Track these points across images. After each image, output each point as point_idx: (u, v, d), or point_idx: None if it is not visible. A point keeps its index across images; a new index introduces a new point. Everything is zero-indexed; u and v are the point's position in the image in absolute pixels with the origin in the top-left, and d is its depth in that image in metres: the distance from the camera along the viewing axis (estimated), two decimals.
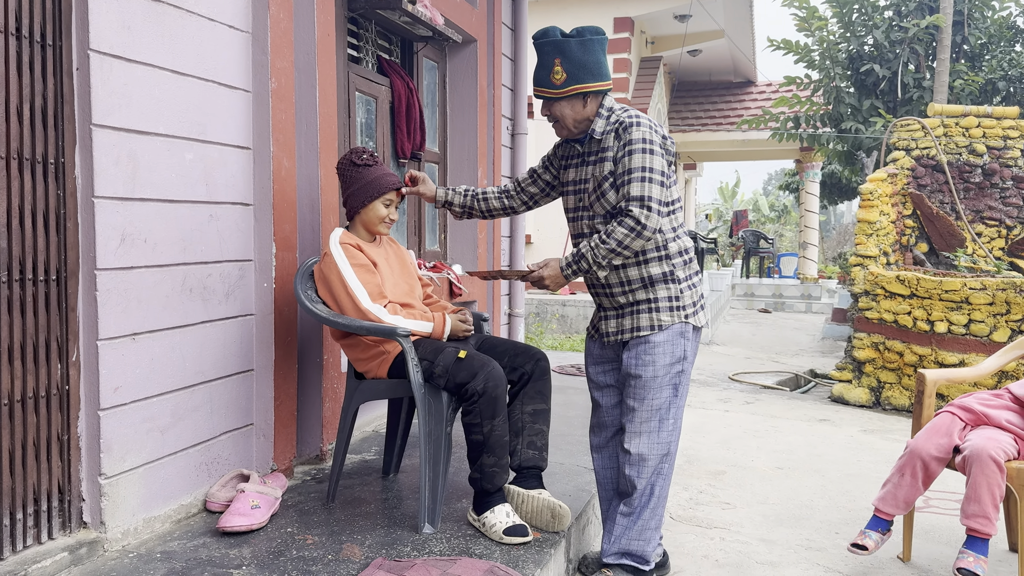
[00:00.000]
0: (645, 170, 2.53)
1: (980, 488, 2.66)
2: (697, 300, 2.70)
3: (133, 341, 2.48)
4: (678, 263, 2.65)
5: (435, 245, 4.99)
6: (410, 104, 4.41)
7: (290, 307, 3.15)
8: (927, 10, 10.22)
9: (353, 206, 2.92)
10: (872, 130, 10.19)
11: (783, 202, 29.80)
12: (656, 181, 2.53)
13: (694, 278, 2.71)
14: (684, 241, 2.68)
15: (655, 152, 2.56)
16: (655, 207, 2.51)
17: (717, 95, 15.64)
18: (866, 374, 6.22)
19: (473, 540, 2.60)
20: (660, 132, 2.64)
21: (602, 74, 2.64)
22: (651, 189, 2.52)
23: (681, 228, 2.70)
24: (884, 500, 2.93)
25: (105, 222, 2.37)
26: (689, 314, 2.66)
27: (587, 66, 2.60)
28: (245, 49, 2.95)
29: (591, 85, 2.61)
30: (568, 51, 2.59)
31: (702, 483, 4.03)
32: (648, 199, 2.51)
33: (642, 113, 2.66)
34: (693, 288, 2.69)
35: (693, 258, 2.72)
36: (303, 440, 3.36)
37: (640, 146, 2.54)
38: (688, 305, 2.66)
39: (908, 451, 2.91)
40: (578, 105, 2.65)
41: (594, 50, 2.62)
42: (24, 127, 2.21)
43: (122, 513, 2.48)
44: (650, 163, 2.54)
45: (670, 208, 2.65)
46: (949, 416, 2.92)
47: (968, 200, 7.08)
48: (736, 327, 12.03)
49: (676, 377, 2.66)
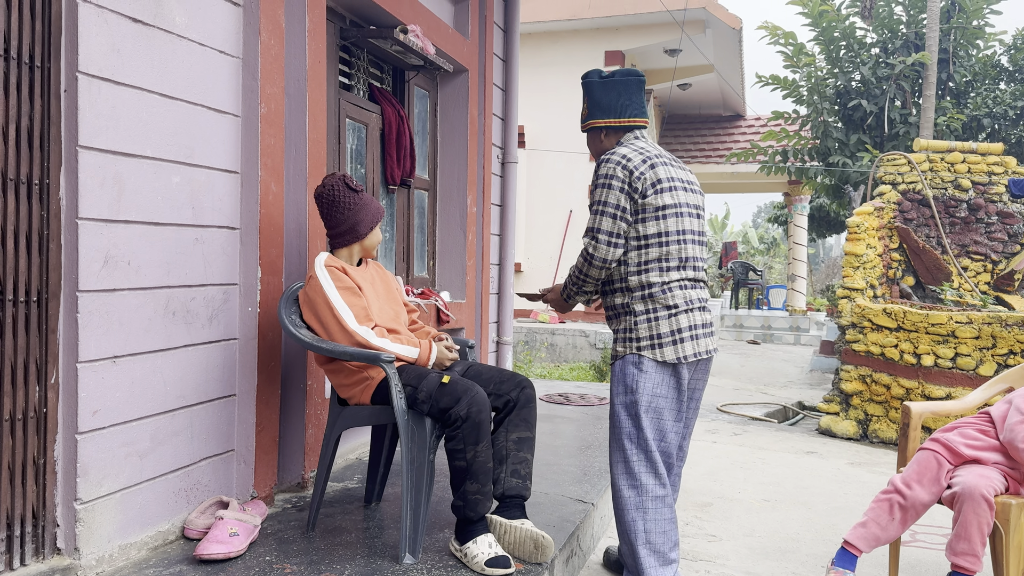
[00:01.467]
0: (597, 203, 2.70)
1: (970, 527, 2.64)
2: (662, 334, 2.69)
3: (114, 364, 2.45)
4: (636, 296, 2.71)
5: (423, 272, 4.98)
6: (400, 131, 4.43)
7: (274, 332, 3.13)
8: (913, 48, 10.38)
9: (360, 232, 2.92)
10: (859, 164, 10.30)
11: (772, 234, 29.98)
12: (607, 214, 2.67)
13: (660, 312, 2.70)
14: (651, 277, 2.70)
15: (612, 187, 2.68)
16: (602, 238, 2.68)
17: (707, 128, 15.79)
18: (853, 407, 6.22)
19: (455, 571, 2.56)
20: (636, 168, 2.69)
21: (618, 112, 2.85)
22: (600, 221, 2.68)
23: (655, 263, 2.71)
24: (863, 538, 2.88)
25: (89, 244, 2.36)
26: (643, 347, 2.69)
27: (602, 104, 2.85)
28: (235, 74, 2.96)
29: (601, 121, 2.86)
30: (590, 91, 2.87)
31: (688, 515, 4.00)
32: (596, 231, 2.69)
33: (631, 151, 2.74)
34: (655, 322, 2.69)
35: (665, 292, 2.70)
36: (284, 467, 3.32)
37: (600, 181, 2.71)
38: (644, 338, 2.69)
39: (898, 492, 2.86)
40: (595, 139, 2.92)
41: (615, 90, 2.84)
42: (9, 147, 2.21)
43: (97, 539, 2.43)
44: (604, 197, 2.68)
45: (644, 242, 2.70)
46: (936, 460, 2.85)
47: (954, 234, 7.13)
48: (725, 358, 12.03)
49: (632, 407, 2.70)
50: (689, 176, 2.88)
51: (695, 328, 2.73)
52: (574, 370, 9.63)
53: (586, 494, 3.49)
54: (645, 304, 2.71)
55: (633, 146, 2.77)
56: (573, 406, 5.69)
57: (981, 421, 2.99)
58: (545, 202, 12.03)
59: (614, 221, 2.68)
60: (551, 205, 12.01)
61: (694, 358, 2.72)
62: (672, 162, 2.83)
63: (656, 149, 2.82)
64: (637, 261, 2.71)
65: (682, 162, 2.97)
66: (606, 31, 11.81)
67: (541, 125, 11.98)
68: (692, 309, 2.73)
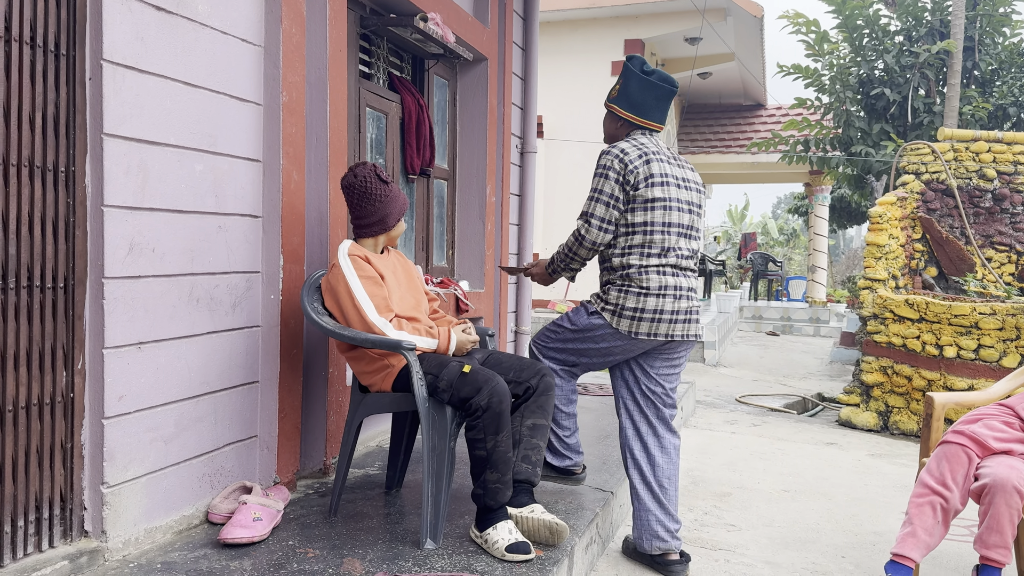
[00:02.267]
0: (594, 191, 2.92)
1: (1002, 519, 2.60)
2: (626, 307, 2.91)
3: (139, 350, 2.48)
4: (617, 275, 2.95)
5: (443, 261, 4.99)
6: (420, 121, 4.44)
7: (296, 319, 3.15)
8: (938, 35, 10.24)
9: (390, 223, 2.97)
10: (882, 154, 10.18)
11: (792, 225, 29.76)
12: (601, 201, 2.91)
13: (632, 289, 2.91)
14: (631, 259, 2.92)
15: (608, 176, 2.91)
16: (595, 223, 2.92)
17: (727, 118, 15.67)
18: (874, 398, 6.17)
19: (475, 557, 2.58)
20: (632, 161, 2.90)
21: (642, 112, 3.03)
22: (595, 207, 2.92)
23: (637, 249, 2.92)
24: (916, 548, 2.66)
25: (114, 231, 2.38)
26: (606, 308, 2.95)
27: (632, 99, 3.03)
28: (257, 62, 2.97)
29: (624, 113, 3.05)
30: (628, 79, 3.04)
31: (707, 504, 3.99)
32: (590, 215, 2.92)
33: (630, 146, 2.95)
34: (624, 295, 2.92)
35: (641, 274, 2.90)
36: (306, 453, 3.35)
37: (599, 171, 2.93)
38: (610, 303, 2.95)
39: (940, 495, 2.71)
40: (613, 121, 3.12)
41: (649, 91, 3.01)
42: (36, 135, 2.23)
43: (124, 522, 2.47)
44: (600, 185, 2.91)
45: (630, 229, 2.93)
46: (965, 455, 2.74)
47: (978, 225, 7.05)
48: (744, 349, 11.98)
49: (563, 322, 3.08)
50: (687, 174, 3.05)
51: (661, 312, 2.90)
52: None
53: (605, 483, 3.50)
54: (623, 282, 2.94)
55: (635, 142, 2.98)
56: (592, 396, 5.69)
57: (1003, 413, 2.93)
58: (563, 192, 12.00)
59: (607, 208, 2.91)
60: (569, 195, 11.98)
61: (647, 337, 2.91)
62: (671, 159, 3.02)
63: (656, 146, 3.01)
64: (622, 245, 2.94)
65: (686, 160, 3.15)
66: (626, 19, 11.73)
67: (559, 115, 11.94)
68: (665, 295, 2.91)
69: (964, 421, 2.90)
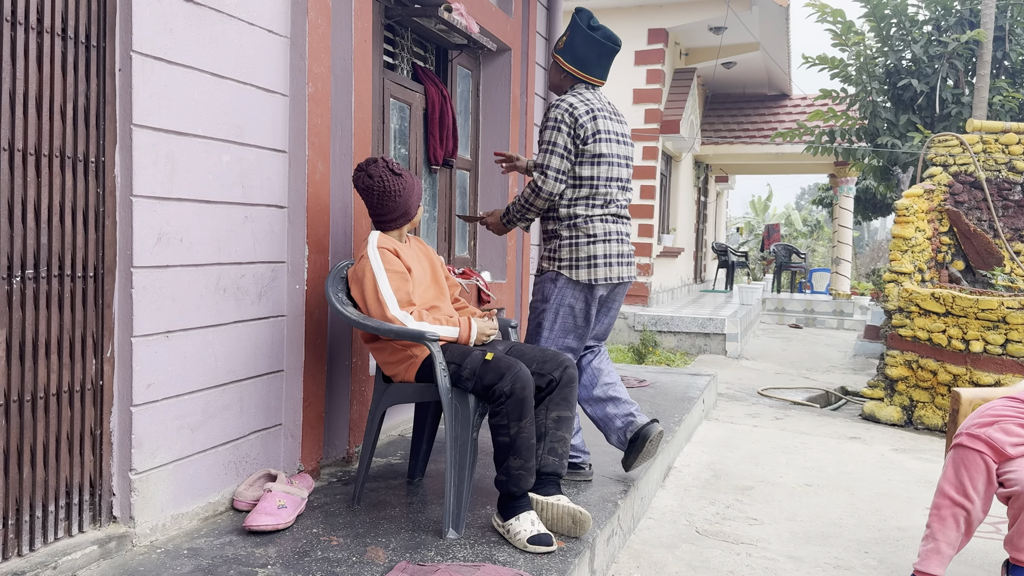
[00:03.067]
0: (548, 143, 3.12)
1: None
2: (580, 258, 3.17)
3: (167, 339, 2.51)
4: (564, 224, 3.19)
5: (464, 252, 5.00)
6: (443, 111, 4.44)
7: (321, 309, 3.17)
8: (967, 25, 10.07)
9: (412, 213, 3.00)
10: (909, 145, 10.05)
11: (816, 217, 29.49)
12: (556, 154, 3.11)
13: (581, 239, 3.17)
14: (578, 210, 3.18)
15: (560, 130, 3.11)
16: (551, 174, 3.11)
17: (751, 108, 15.53)
18: (898, 392, 6.12)
19: (497, 547, 2.59)
20: (580, 116, 3.11)
21: (585, 67, 3.23)
22: (550, 160, 3.11)
23: (583, 200, 3.18)
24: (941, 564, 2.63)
25: (143, 221, 2.41)
26: (562, 267, 3.20)
27: (577, 54, 3.23)
28: (283, 53, 2.99)
29: (568, 66, 3.25)
30: (575, 33, 3.21)
31: (729, 498, 3.98)
32: (546, 167, 3.12)
33: (577, 101, 3.16)
34: (575, 247, 3.18)
35: (587, 223, 3.17)
36: (330, 442, 3.38)
37: (550, 124, 3.13)
38: (564, 259, 3.19)
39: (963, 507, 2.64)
40: (558, 72, 3.31)
41: (593, 48, 3.21)
42: (67, 126, 2.26)
43: (151, 509, 2.50)
44: (554, 138, 3.11)
45: (578, 182, 3.17)
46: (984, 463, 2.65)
47: (1007, 218, 6.95)
48: (766, 342, 11.91)
49: (540, 315, 3.25)
50: (624, 129, 3.33)
51: (610, 256, 3.21)
52: (612, 351, 9.61)
53: (627, 475, 3.50)
54: (570, 231, 3.19)
55: (581, 96, 3.19)
56: None
57: (1019, 412, 2.82)
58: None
59: (561, 160, 3.12)
60: None
61: (604, 281, 3.21)
62: (612, 115, 3.27)
63: (600, 102, 3.24)
64: (570, 196, 3.19)
65: (622, 115, 3.39)
66: (650, 8, 11.64)
67: None
68: (610, 240, 3.21)
69: (978, 423, 2.75)
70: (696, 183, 16.00)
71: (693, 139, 13.27)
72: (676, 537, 3.41)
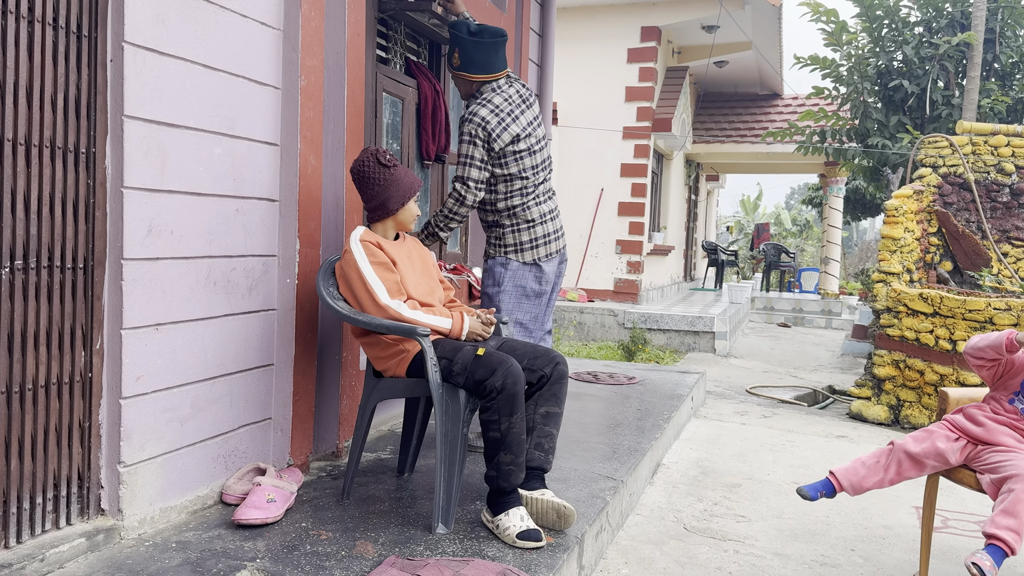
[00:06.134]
0: (467, 157, 3.32)
1: (1021, 505, 2.58)
2: (523, 241, 3.47)
3: (156, 331, 2.50)
4: (504, 215, 3.46)
5: (456, 247, 4.99)
6: (436, 106, 4.43)
7: (312, 303, 3.17)
8: (958, 27, 10.13)
9: (391, 208, 2.94)
10: (899, 146, 10.10)
11: (805, 216, 29.60)
12: (475, 166, 3.33)
13: (521, 225, 3.47)
14: (514, 200, 3.43)
15: (476, 144, 3.32)
16: (472, 185, 3.34)
17: (742, 107, 15.57)
18: (885, 392, 6.16)
19: (486, 542, 2.60)
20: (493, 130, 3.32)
21: (487, 68, 3.43)
22: (470, 172, 3.33)
23: (517, 191, 3.43)
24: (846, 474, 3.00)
25: (133, 212, 2.40)
26: (509, 251, 3.47)
27: (475, 61, 3.41)
28: (276, 46, 2.97)
29: (474, 76, 3.43)
30: (462, 46, 3.40)
31: (717, 495, 4.00)
32: (467, 179, 3.33)
33: (488, 113, 3.34)
34: (517, 233, 3.47)
35: (526, 208, 3.45)
36: (320, 436, 3.37)
37: (465, 138, 3.33)
38: (510, 245, 3.47)
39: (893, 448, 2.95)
40: (466, 83, 3.48)
41: (486, 50, 3.39)
42: (58, 116, 2.25)
43: (139, 502, 2.50)
44: (470, 152, 3.32)
45: (508, 177, 3.40)
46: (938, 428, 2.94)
47: (995, 219, 7.00)
48: (755, 340, 11.96)
49: (496, 300, 3.49)
50: (535, 111, 3.53)
51: (548, 235, 3.51)
52: (602, 349, 9.63)
53: (615, 471, 3.51)
54: (511, 220, 3.47)
55: (490, 105, 3.36)
56: (602, 384, 5.70)
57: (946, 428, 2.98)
58: (576, 180, 11.96)
59: (479, 171, 3.34)
60: (582, 183, 11.95)
61: (547, 257, 3.51)
62: (521, 103, 3.46)
63: (505, 94, 3.42)
64: (504, 191, 3.42)
65: (528, 91, 3.57)
66: (643, 6, 11.65)
67: (574, 102, 11.89)
68: (545, 221, 3.50)
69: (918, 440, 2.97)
70: (687, 181, 16.03)
71: (685, 138, 13.29)
72: (664, 534, 3.42)
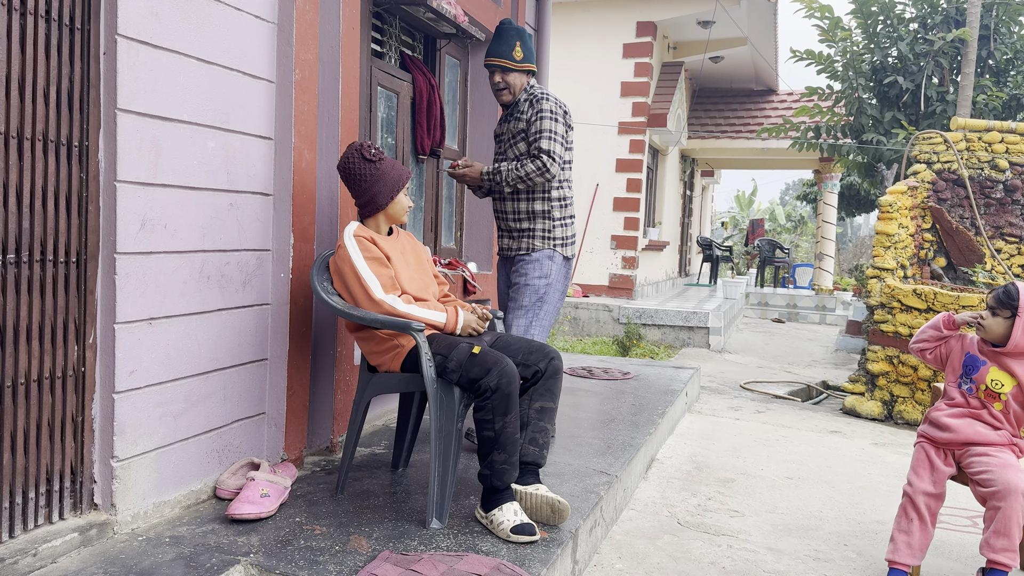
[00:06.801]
0: (551, 132, 3.39)
1: (1011, 523, 2.61)
2: (567, 236, 3.58)
3: (150, 326, 2.50)
4: (555, 205, 3.54)
5: (451, 242, 4.99)
6: (431, 100, 4.42)
7: (306, 298, 3.16)
8: (953, 24, 10.13)
9: (380, 203, 2.92)
10: (893, 142, 10.11)
11: (800, 212, 29.64)
12: (558, 141, 3.41)
13: (567, 220, 3.58)
14: (565, 191, 3.58)
15: (559, 120, 3.42)
16: (557, 159, 3.39)
17: (738, 103, 15.57)
18: (879, 387, 6.18)
19: (480, 537, 2.60)
20: (563, 108, 3.47)
21: (536, 61, 3.76)
22: (555, 147, 3.39)
23: (567, 182, 3.58)
24: (900, 551, 2.80)
25: (126, 206, 2.39)
26: (556, 245, 3.55)
27: (533, 54, 3.58)
28: (270, 39, 2.96)
29: (534, 67, 3.56)
30: (525, 39, 3.53)
31: (711, 490, 4.01)
32: (553, 153, 3.38)
33: (553, 95, 3.50)
34: (564, 227, 3.57)
35: (570, 204, 3.60)
36: (314, 431, 3.37)
37: (548, 114, 3.41)
38: (558, 239, 3.55)
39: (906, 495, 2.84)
40: (524, 78, 3.55)
41: (533, 45, 3.69)
42: (50, 109, 2.23)
43: (133, 496, 2.49)
44: (555, 128, 3.40)
45: (564, 166, 3.50)
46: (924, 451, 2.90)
47: (988, 216, 7.01)
48: (749, 336, 11.98)
49: (542, 292, 3.51)
50: None
51: (575, 235, 3.65)
52: (597, 344, 9.63)
53: (609, 466, 3.51)
54: (561, 212, 3.56)
55: (538, 87, 3.54)
56: (596, 380, 5.70)
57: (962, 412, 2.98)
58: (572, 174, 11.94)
59: (563, 147, 3.44)
60: (577, 178, 11.94)
61: (573, 257, 3.63)
62: None
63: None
64: (561, 179, 3.54)
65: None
66: (638, 1, 11.63)
67: (569, 97, 11.87)
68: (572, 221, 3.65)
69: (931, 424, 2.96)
70: (682, 177, 16.03)
71: (680, 133, 13.29)
72: (658, 528, 3.43)
